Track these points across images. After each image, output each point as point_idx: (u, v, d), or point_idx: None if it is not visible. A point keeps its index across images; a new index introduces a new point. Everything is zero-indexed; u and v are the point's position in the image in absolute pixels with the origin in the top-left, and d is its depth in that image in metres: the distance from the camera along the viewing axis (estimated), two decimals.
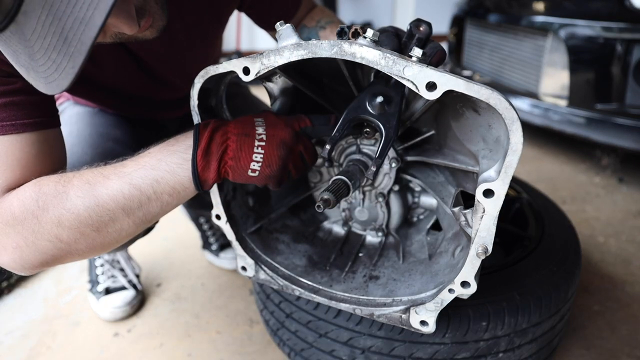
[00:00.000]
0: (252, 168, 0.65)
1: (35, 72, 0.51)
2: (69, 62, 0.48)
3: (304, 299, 0.84)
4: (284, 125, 0.67)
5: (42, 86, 0.52)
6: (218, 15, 0.94)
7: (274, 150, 0.65)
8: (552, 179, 2.07)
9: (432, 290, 0.70)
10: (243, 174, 0.65)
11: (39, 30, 0.47)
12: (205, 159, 0.63)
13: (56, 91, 0.51)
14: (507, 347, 0.79)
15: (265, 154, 0.64)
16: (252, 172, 0.65)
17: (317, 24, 1.03)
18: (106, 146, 0.93)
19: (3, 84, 0.67)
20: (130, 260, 1.32)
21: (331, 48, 0.56)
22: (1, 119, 0.66)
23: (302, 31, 1.04)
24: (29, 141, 0.68)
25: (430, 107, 0.70)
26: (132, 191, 0.64)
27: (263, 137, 0.65)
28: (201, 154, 0.63)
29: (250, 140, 0.64)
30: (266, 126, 0.66)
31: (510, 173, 0.54)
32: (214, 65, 0.66)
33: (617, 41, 1.75)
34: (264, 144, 0.65)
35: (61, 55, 0.48)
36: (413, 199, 0.89)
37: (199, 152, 0.63)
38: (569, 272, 0.88)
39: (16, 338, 1.15)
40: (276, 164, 0.65)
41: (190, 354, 1.09)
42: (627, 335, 1.12)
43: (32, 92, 0.71)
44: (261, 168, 0.65)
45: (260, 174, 0.65)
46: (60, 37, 0.47)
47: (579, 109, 1.94)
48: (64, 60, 0.48)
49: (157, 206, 0.66)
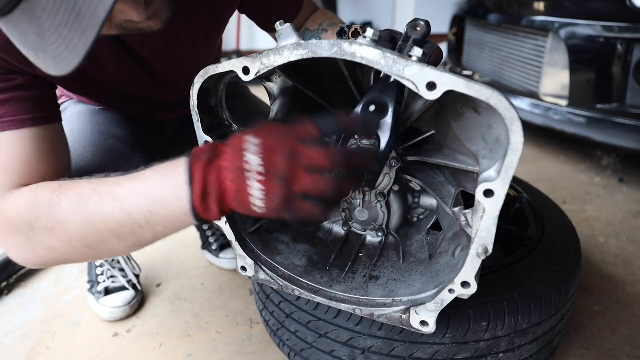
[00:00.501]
0: (256, 205, 0.55)
1: (45, 53, 0.50)
2: (81, 38, 0.47)
3: (304, 299, 0.84)
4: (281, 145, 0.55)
5: (51, 67, 0.51)
6: (218, 15, 0.94)
7: (275, 181, 0.54)
8: (552, 179, 2.07)
9: (433, 291, 0.69)
10: (250, 211, 0.57)
11: (50, 7, 0.47)
12: (204, 203, 0.57)
13: (66, 70, 0.50)
14: (507, 347, 0.79)
15: (265, 190, 0.54)
16: (258, 209, 0.56)
17: (319, 27, 1.04)
18: (107, 144, 0.93)
19: (3, 81, 0.67)
20: (130, 260, 1.32)
21: (331, 48, 0.56)
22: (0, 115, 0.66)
23: (305, 34, 1.05)
24: (29, 137, 0.68)
25: (430, 107, 0.70)
26: (123, 217, 0.60)
27: (261, 169, 0.54)
28: (199, 199, 0.57)
29: (248, 176, 0.54)
30: (264, 152, 0.54)
31: (511, 173, 0.54)
32: (214, 65, 0.66)
33: (618, 41, 1.75)
34: (263, 178, 0.54)
35: (73, 31, 0.47)
36: (413, 199, 0.89)
37: (194, 197, 0.57)
38: (570, 272, 0.88)
39: (16, 338, 1.15)
40: (280, 198, 0.54)
41: (190, 354, 1.09)
42: (627, 336, 1.11)
43: (32, 88, 0.71)
44: (266, 205, 0.55)
45: (267, 210, 0.56)
46: (73, 12, 0.47)
47: (579, 109, 1.94)
48: (75, 36, 0.48)
49: (151, 235, 0.62)
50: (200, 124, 0.72)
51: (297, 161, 0.54)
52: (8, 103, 0.66)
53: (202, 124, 0.72)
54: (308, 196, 0.55)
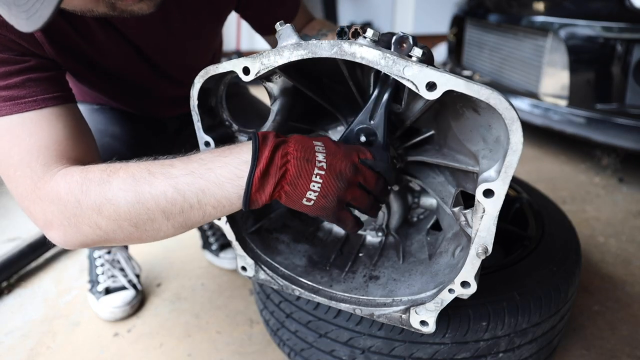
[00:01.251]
0: (308, 197, 0.60)
1: (17, 7, 0.50)
2: None
3: (304, 299, 0.84)
4: (343, 156, 0.62)
5: (24, 22, 0.51)
6: (216, 10, 0.95)
7: (332, 181, 0.60)
8: (552, 179, 2.07)
9: (432, 290, 0.70)
10: (298, 201, 0.61)
11: None
12: (262, 180, 0.59)
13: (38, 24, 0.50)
14: (507, 347, 0.79)
15: (323, 184, 0.60)
16: (307, 201, 0.61)
17: (318, 33, 1.05)
18: (103, 142, 0.93)
19: (17, 63, 0.68)
20: (131, 260, 1.32)
21: (331, 48, 0.56)
22: (22, 96, 0.66)
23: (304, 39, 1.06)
24: (54, 115, 0.69)
25: (430, 107, 0.70)
26: (175, 196, 0.61)
27: (323, 165, 0.60)
28: (259, 175, 0.58)
29: (311, 167, 0.59)
30: (326, 154, 0.61)
31: (511, 173, 0.54)
32: (214, 65, 0.66)
33: (617, 41, 1.75)
34: (323, 173, 0.60)
35: None
36: (413, 199, 0.89)
37: (256, 172, 0.58)
38: (569, 272, 0.88)
39: (16, 338, 1.15)
40: (333, 195, 0.61)
41: (190, 354, 1.09)
42: (627, 336, 1.12)
43: (46, 69, 0.72)
44: (317, 198, 0.60)
45: (315, 204, 0.61)
46: None
47: (579, 109, 1.94)
48: None
49: (199, 215, 0.63)
50: (201, 124, 0.72)
51: (357, 174, 0.63)
52: (27, 84, 0.67)
53: (202, 124, 0.72)
54: (350, 205, 0.65)
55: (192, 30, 0.93)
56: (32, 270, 1.43)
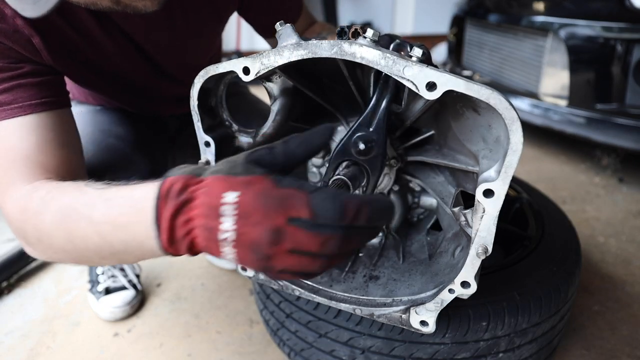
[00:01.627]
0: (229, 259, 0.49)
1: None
2: None
3: (304, 299, 0.84)
4: (260, 218, 0.45)
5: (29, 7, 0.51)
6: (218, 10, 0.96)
7: (245, 253, 0.47)
8: (552, 179, 2.07)
9: (432, 290, 0.70)
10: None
11: None
12: (173, 248, 0.51)
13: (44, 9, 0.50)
14: (507, 347, 0.79)
15: (236, 254, 0.47)
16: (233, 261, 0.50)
17: (318, 35, 1.05)
18: (107, 142, 0.94)
19: (11, 70, 0.68)
20: None
21: (331, 48, 0.56)
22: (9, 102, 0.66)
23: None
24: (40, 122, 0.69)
25: (430, 107, 0.70)
26: (101, 242, 0.57)
27: (230, 236, 0.46)
28: (166, 245, 0.51)
29: (214, 236, 0.47)
30: (238, 217, 0.46)
31: (511, 173, 0.54)
32: (214, 64, 0.66)
33: (617, 41, 1.75)
34: (234, 243, 0.46)
35: None
36: (413, 199, 0.89)
37: (162, 244, 0.51)
38: (569, 272, 0.88)
39: (16, 338, 1.15)
40: (252, 267, 0.48)
41: (190, 354, 1.09)
42: (627, 336, 1.12)
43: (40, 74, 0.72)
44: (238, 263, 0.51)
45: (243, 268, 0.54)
46: None
47: (579, 109, 1.94)
48: None
49: (132, 258, 0.59)
50: (201, 124, 0.72)
51: (280, 241, 0.45)
52: (16, 89, 0.67)
53: (202, 124, 0.72)
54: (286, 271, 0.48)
55: (194, 29, 0.93)
56: (32, 270, 1.43)
